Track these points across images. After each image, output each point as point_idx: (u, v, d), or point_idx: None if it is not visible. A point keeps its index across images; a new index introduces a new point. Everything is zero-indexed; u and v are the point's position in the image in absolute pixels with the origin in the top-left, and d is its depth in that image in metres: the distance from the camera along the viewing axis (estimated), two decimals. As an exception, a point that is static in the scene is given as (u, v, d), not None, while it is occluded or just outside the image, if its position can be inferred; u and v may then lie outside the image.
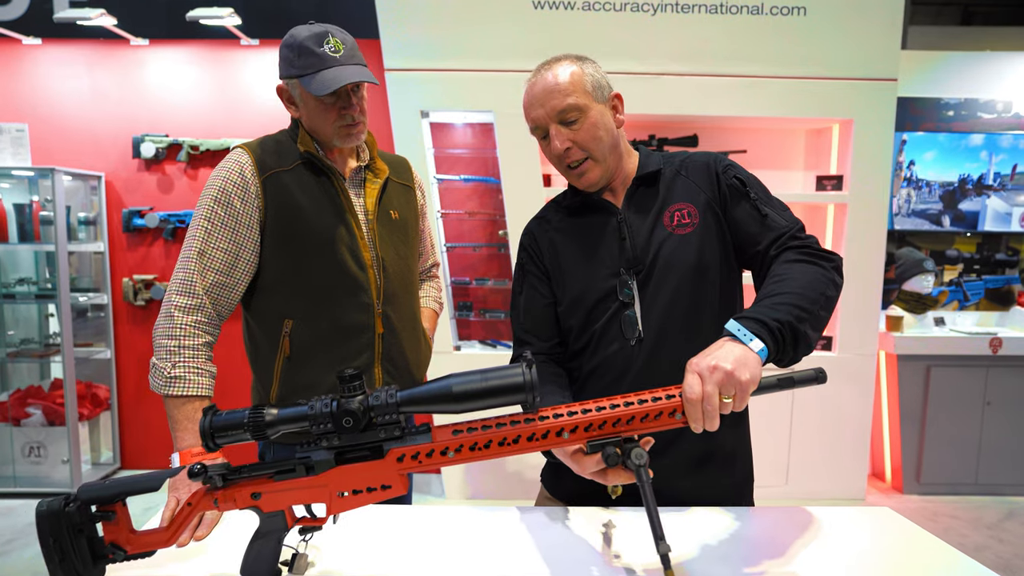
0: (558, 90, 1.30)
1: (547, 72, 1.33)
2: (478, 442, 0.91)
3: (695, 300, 1.31)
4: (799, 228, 1.28)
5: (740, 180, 1.33)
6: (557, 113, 1.30)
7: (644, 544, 1.12)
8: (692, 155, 1.42)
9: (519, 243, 1.51)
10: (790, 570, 1.03)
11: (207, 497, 0.93)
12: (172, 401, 1.38)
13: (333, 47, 1.47)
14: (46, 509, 0.89)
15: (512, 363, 1.28)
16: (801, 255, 1.21)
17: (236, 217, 1.48)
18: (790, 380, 0.98)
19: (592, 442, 0.94)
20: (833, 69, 3.57)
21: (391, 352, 1.61)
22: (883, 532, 1.20)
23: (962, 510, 3.74)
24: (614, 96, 1.37)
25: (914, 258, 4.09)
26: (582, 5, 3.49)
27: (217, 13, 3.61)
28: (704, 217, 1.33)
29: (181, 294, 1.42)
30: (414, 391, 0.89)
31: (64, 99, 4.05)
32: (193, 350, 1.41)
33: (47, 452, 3.90)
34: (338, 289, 1.54)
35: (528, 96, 1.35)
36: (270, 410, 0.89)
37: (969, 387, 3.88)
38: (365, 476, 0.92)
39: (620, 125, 1.38)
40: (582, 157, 1.32)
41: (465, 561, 1.08)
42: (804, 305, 1.08)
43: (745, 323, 1.03)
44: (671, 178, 1.38)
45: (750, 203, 1.31)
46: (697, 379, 0.94)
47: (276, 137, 1.60)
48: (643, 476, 0.91)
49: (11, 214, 3.83)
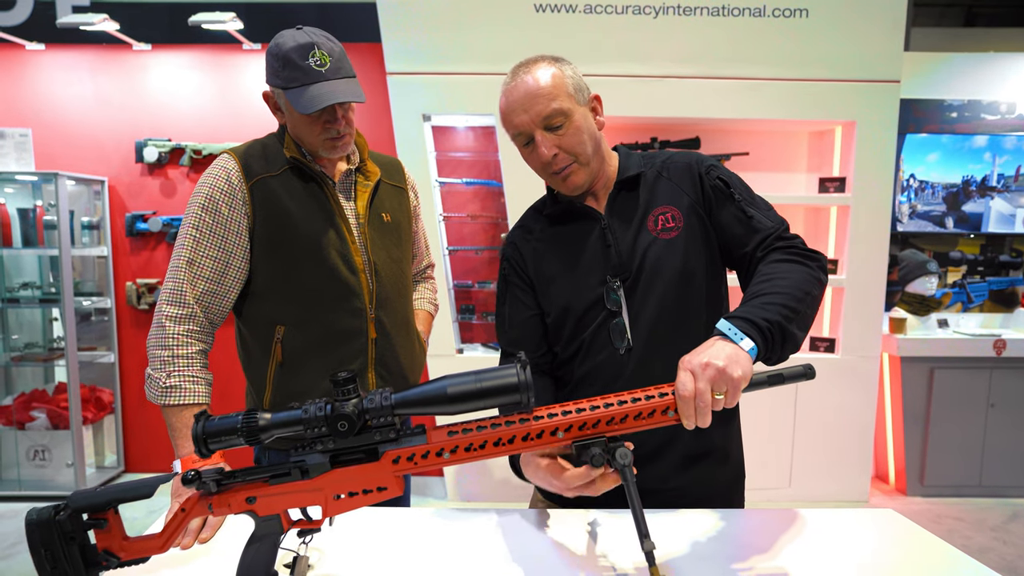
0: (541, 94, 1.25)
1: (526, 75, 1.27)
2: (473, 443, 0.91)
3: (683, 305, 1.30)
4: (784, 228, 1.28)
5: (724, 181, 1.32)
6: (543, 119, 1.26)
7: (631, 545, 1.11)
8: (672, 155, 1.40)
9: (500, 254, 1.47)
10: (794, 573, 1.03)
11: (201, 502, 0.93)
12: (170, 410, 1.38)
13: (319, 60, 1.44)
14: (36, 518, 0.88)
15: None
16: (787, 255, 1.21)
17: (224, 224, 1.46)
18: (780, 376, 0.98)
19: (577, 442, 0.93)
20: (836, 71, 3.56)
21: (384, 357, 1.60)
22: (887, 534, 1.20)
23: (966, 512, 3.72)
24: (593, 98, 1.34)
25: (917, 260, 4.08)
26: (584, 8, 3.49)
27: (219, 18, 3.62)
28: (688, 220, 1.31)
29: (171, 304, 1.42)
30: (408, 393, 0.89)
31: (67, 104, 4.07)
32: (187, 359, 1.41)
33: (51, 456, 3.91)
34: (329, 294, 1.52)
35: (507, 101, 1.29)
36: (263, 414, 0.89)
37: (973, 389, 3.87)
38: (360, 478, 0.92)
39: (601, 127, 1.35)
40: (569, 162, 1.29)
41: (464, 562, 1.08)
42: (792, 305, 1.09)
43: (735, 322, 1.04)
44: (653, 180, 1.36)
45: (735, 205, 1.30)
46: (690, 376, 0.95)
47: (263, 142, 1.58)
48: (628, 475, 0.91)
49: (15, 219, 3.84)
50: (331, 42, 1.48)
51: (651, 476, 1.30)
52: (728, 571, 1.04)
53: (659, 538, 1.15)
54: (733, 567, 1.05)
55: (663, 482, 1.32)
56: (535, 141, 1.28)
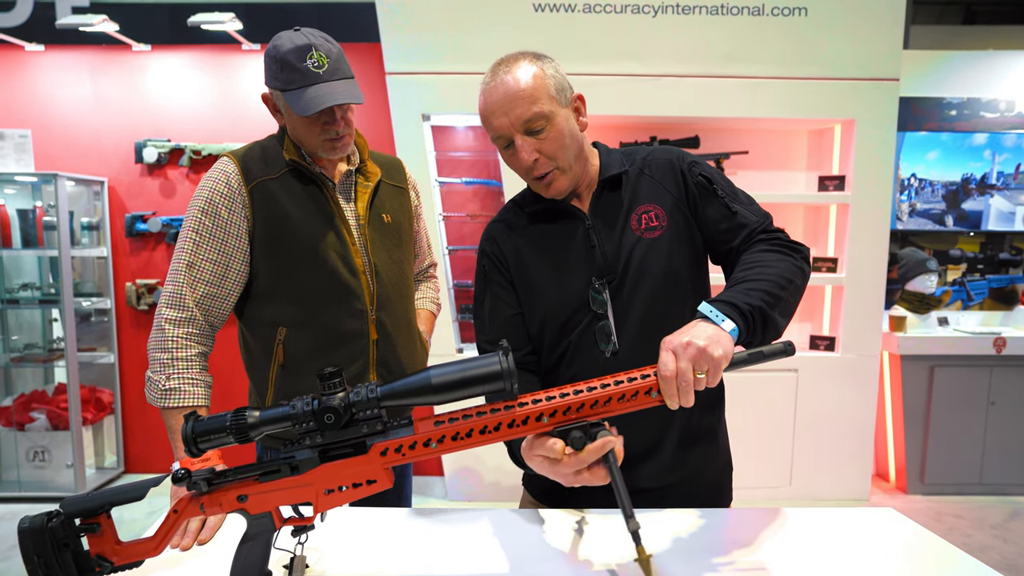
0: (521, 96, 1.20)
1: (506, 75, 1.22)
2: (459, 431, 0.91)
3: (669, 305, 1.29)
4: (768, 222, 1.28)
5: (706, 178, 1.30)
6: (523, 123, 1.21)
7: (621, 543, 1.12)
8: (653, 151, 1.37)
9: (479, 248, 1.42)
10: (795, 572, 1.03)
11: (193, 503, 0.93)
12: (169, 413, 1.38)
13: (316, 62, 1.43)
14: (28, 526, 0.88)
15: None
16: (771, 246, 1.22)
17: (224, 228, 1.46)
18: (760, 354, 1.00)
19: (559, 427, 0.94)
20: (835, 69, 3.56)
21: (386, 358, 1.60)
22: (887, 533, 1.20)
23: (966, 510, 3.71)
24: (576, 98, 1.29)
25: (917, 258, 4.07)
26: (583, 7, 3.49)
27: (218, 18, 3.63)
28: (672, 219, 1.30)
29: (171, 307, 1.42)
30: (394, 385, 0.89)
31: (67, 105, 4.07)
32: (186, 361, 1.41)
33: (51, 457, 3.92)
34: (330, 296, 1.53)
35: (487, 102, 1.24)
36: (252, 412, 0.89)
37: (973, 387, 3.86)
38: (350, 472, 0.92)
39: (584, 128, 1.30)
40: (550, 168, 1.25)
41: (461, 562, 1.08)
42: (774, 292, 1.10)
43: (718, 305, 1.05)
44: (635, 178, 1.34)
45: (719, 201, 1.29)
46: (671, 356, 0.95)
47: (263, 144, 1.58)
48: (611, 458, 0.92)
49: (15, 220, 3.85)
50: (329, 43, 1.48)
51: (645, 475, 1.31)
52: (729, 570, 1.04)
53: (655, 537, 1.15)
54: (733, 566, 1.05)
55: (657, 480, 1.32)
56: (515, 145, 1.24)
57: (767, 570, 1.04)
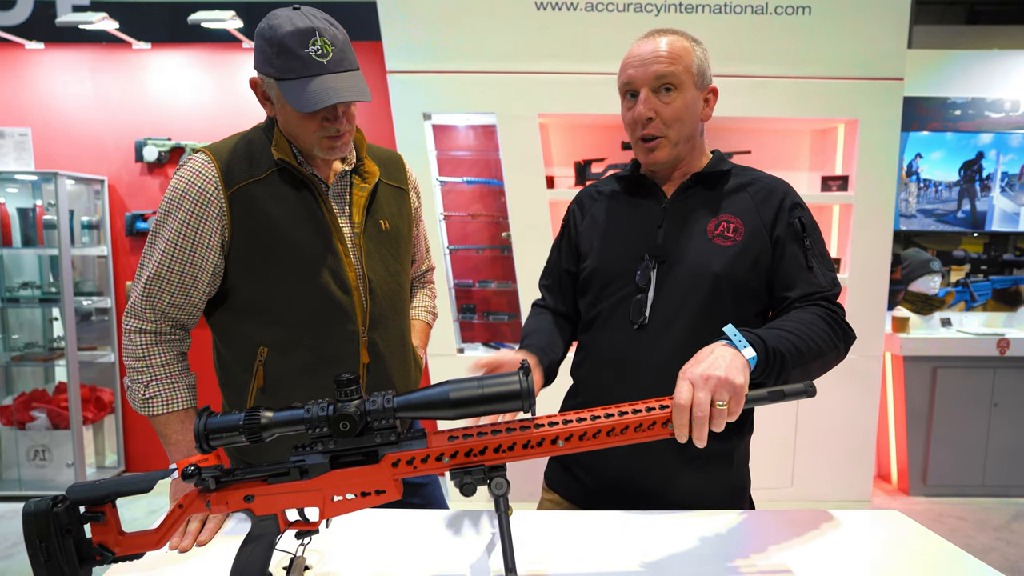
0: (663, 57, 1.26)
1: (660, 37, 1.29)
2: (473, 448, 0.90)
3: (705, 308, 1.27)
4: (835, 293, 1.27)
5: (802, 224, 1.29)
6: (656, 78, 1.26)
7: (636, 546, 1.10)
8: (764, 176, 1.38)
9: (568, 206, 1.53)
10: (798, 574, 1.02)
11: (199, 499, 0.92)
12: (156, 420, 1.34)
13: (320, 49, 1.25)
14: (33, 509, 0.88)
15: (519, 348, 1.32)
16: (824, 314, 1.21)
17: (193, 238, 1.30)
18: (780, 393, 0.96)
19: (455, 470, 0.91)
20: (838, 69, 3.55)
21: (377, 382, 1.45)
22: (889, 534, 1.19)
23: (969, 512, 3.71)
24: (711, 90, 1.34)
25: (920, 259, 4.06)
26: (585, 6, 3.48)
27: (219, 16, 3.61)
28: (748, 239, 1.29)
29: (135, 318, 1.33)
30: (411, 397, 0.89)
31: (67, 103, 4.06)
32: (162, 367, 1.34)
33: (52, 456, 3.91)
34: (319, 316, 1.37)
35: (632, 53, 1.30)
36: (265, 412, 0.89)
37: (976, 388, 3.85)
38: (359, 480, 0.91)
39: (706, 119, 1.35)
40: (660, 134, 1.29)
41: (463, 564, 1.07)
42: (803, 351, 1.11)
43: (744, 332, 1.04)
44: (733, 189, 1.34)
45: (802, 249, 1.28)
46: (688, 386, 0.94)
47: (248, 137, 1.39)
48: (501, 506, 0.90)
49: (15, 218, 3.84)
50: (334, 28, 1.30)
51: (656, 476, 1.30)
52: (732, 572, 1.03)
53: (661, 539, 1.14)
54: (737, 568, 1.04)
55: (668, 484, 1.31)
56: (638, 97, 1.29)
57: (769, 572, 1.03)
